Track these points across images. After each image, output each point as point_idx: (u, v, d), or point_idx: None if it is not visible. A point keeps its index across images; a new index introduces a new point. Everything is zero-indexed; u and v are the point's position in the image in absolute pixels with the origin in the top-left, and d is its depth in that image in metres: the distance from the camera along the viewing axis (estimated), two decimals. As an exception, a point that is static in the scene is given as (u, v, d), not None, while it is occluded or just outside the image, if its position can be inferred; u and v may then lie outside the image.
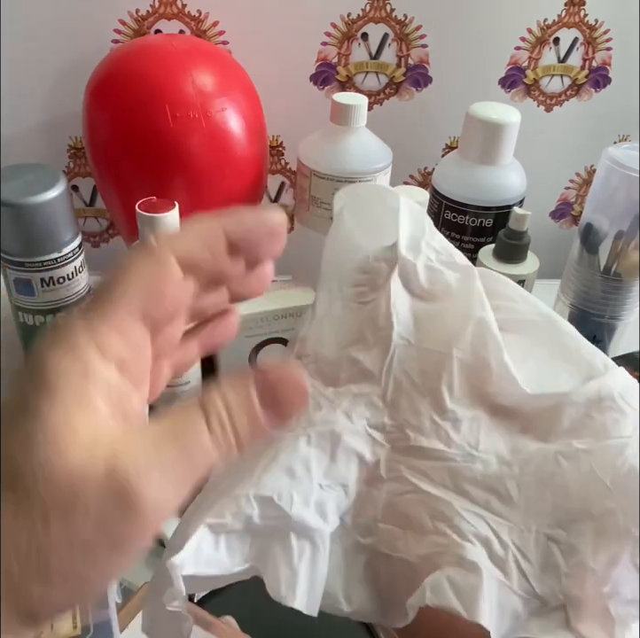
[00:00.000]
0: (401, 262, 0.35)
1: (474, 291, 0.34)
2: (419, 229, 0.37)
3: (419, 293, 0.35)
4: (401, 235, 0.36)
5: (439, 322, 0.34)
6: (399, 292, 0.34)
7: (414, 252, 0.36)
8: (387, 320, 0.33)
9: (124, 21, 0.74)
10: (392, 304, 0.34)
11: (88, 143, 0.69)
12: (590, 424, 0.31)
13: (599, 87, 0.86)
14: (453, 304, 0.34)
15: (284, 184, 0.89)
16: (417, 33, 0.79)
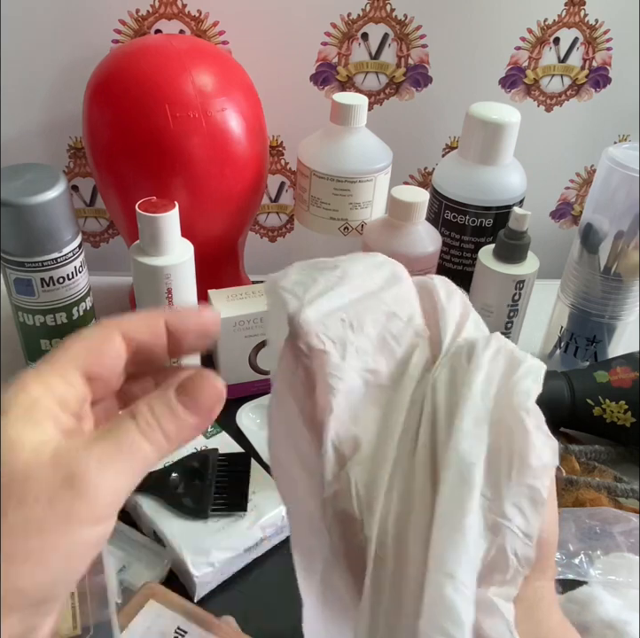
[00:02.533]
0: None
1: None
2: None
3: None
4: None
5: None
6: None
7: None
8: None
9: (124, 21, 0.75)
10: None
11: (88, 144, 0.69)
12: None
13: (599, 87, 0.86)
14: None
15: (284, 184, 0.89)
16: (417, 33, 0.79)
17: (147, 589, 0.49)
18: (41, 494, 0.22)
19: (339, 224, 0.71)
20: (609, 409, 0.64)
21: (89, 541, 0.23)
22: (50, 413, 0.24)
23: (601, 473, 0.62)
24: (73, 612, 0.46)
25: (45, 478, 0.23)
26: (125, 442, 0.24)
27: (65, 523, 0.22)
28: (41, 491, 0.22)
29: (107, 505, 0.23)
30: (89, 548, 0.23)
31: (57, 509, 0.22)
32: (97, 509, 0.23)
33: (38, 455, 0.23)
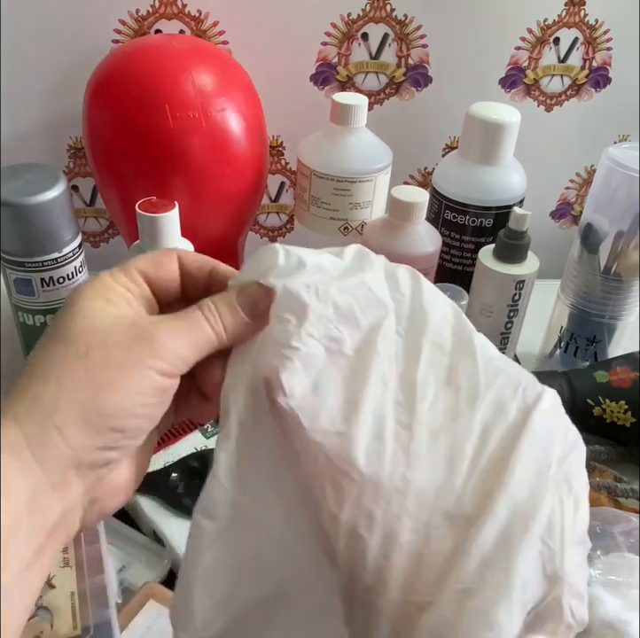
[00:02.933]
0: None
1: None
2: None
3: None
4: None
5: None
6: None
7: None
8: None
9: (124, 21, 0.74)
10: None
11: (88, 144, 0.69)
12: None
13: (599, 87, 0.86)
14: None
15: (284, 184, 0.89)
16: (417, 33, 0.79)
17: (147, 589, 0.49)
18: (120, 342, 0.27)
19: (339, 224, 0.71)
20: (609, 409, 0.64)
21: (154, 385, 0.28)
22: (121, 295, 0.29)
23: (601, 473, 0.62)
24: (73, 612, 0.47)
25: (124, 333, 0.28)
26: (191, 322, 0.29)
27: (138, 364, 0.27)
28: (120, 341, 0.27)
29: (171, 363, 0.28)
30: (154, 391, 0.28)
31: (132, 354, 0.27)
32: (163, 363, 0.28)
33: (115, 318, 0.28)
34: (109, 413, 0.27)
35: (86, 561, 0.49)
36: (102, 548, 0.50)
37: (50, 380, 0.26)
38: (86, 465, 0.26)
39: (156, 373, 0.28)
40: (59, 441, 0.25)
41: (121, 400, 0.27)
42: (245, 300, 0.30)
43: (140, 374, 0.27)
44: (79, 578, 0.48)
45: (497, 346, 0.70)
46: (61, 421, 0.26)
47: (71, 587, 0.48)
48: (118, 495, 0.29)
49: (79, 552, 0.50)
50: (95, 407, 0.26)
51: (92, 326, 0.28)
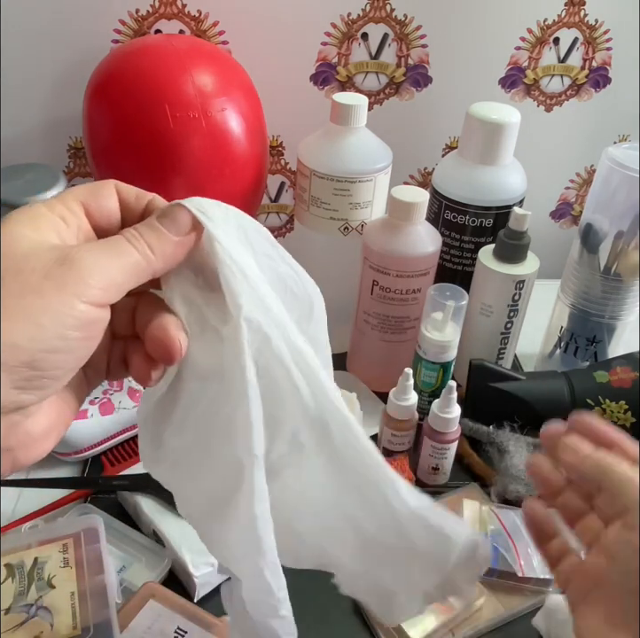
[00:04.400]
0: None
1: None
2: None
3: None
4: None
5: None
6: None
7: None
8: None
9: (124, 21, 0.74)
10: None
11: (88, 143, 0.69)
12: None
13: (599, 87, 0.86)
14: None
15: (284, 184, 0.89)
16: (417, 33, 0.79)
17: (147, 589, 0.49)
18: (37, 267, 0.25)
19: (339, 224, 0.71)
20: (609, 409, 0.64)
21: (79, 316, 0.25)
22: (52, 224, 0.27)
23: (601, 473, 0.62)
24: (73, 612, 0.47)
25: (42, 258, 0.25)
26: (114, 244, 0.27)
27: (57, 291, 0.24)
28: (37, 266, 0.25)
29: (99, 288, 0.25)
30: (78, 321, 0.25)
31: (51, 280, 0.24)
32: (89, 289, 0.25)
33: (40, 244, 0.26)
34: (22, 345, 0.23)
35: (86, 561, 0.49)
36: (102, 548, 0.50)
37: None
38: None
39: (80, 301, 0.25)
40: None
41: (37, 331, 0.24)
42: (166, 220, 0.28)
43: (60, 301, 0.24)
44: (79, 578, 0.48)
45: (497, 346, 0.70)
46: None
47: (71, 587, 0.48)
48: (34, 447, 0.27)
49: (79, 552, 0.50)
50: (6, 339, 0.23)
51: (11, 252, 0.25)
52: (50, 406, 0.27)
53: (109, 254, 0.26)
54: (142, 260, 0.27)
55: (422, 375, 0.66)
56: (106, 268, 0.26)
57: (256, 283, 0.29)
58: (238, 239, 0.30)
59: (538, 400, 0.65)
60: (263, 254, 0.31)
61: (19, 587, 0.48)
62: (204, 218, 0.29)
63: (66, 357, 0.25)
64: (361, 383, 0.72)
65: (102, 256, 0.26)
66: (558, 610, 0.50)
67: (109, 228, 0.29)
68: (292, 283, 0.32)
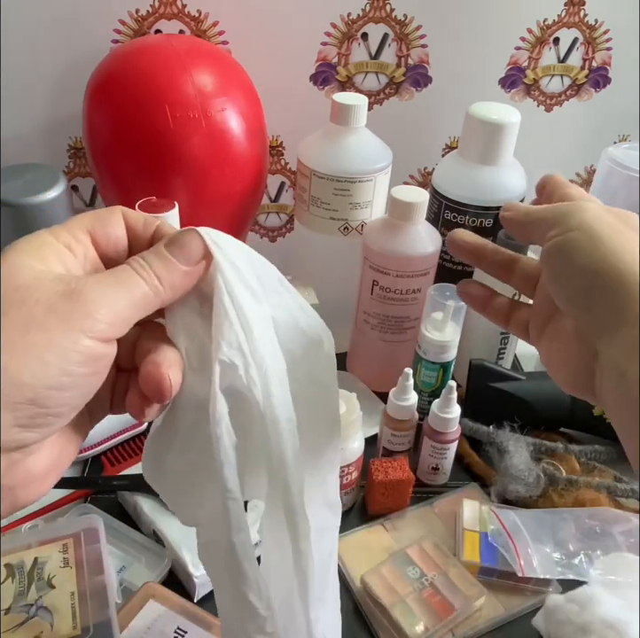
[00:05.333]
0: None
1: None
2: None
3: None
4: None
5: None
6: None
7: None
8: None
9: (124, 21, 0.74)
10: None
11: (88, 143, 0.69)
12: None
13: (599, 87, 0.86)
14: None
15: (284, 184, 0.89)
16: (417, 33, 0.79)
17: (147, 589, 0.49)
18: (42, 300, 0.24)
19: (339, 224, 0.71)
20: (609, 409, 0.64)
21: (85, 352, 0.24)
22: (57, 253, 0.26)
23: (601, 473, 0.62)
24: (73, 612, 0.46)
25: (46, 290, 0.24)
26: (121, 276, 0.26)
27: (62, 325, 0.24)
28: (42, 298, 0.24)
29: (106, 323, 0.25)
30: (84, 357, 0.24)
31: (55, 313, 0.24)
32: (95, 323, 0.24)
33: (44, 275, 0.25)
34: (26, 382, 0.23)
35: (86, 561, 0.49)
36: (102, 548, 0.50)
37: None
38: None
39: (86, 336, 0.24)
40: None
41: (41, 367, 0.23)
42: (175, 248, 0.28)
43: (65, 336, 0.23)
44: (79, 578, 0.48)
45: (497, 346, 0.70)
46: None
47: (71, 587, 0.48)
48: (34, 486, 0.25)
49: (79, 552, 0.50)
50: (10, 375, 0.22)
51: (14, 284, 0.24)
52: (52, 443, 0.26)
53: (116, 287, 0.25)
54: (150, 292, 0.26)
55: (422, 375, 0.66)
56: (113, 301, 0.25)
57: (251, 324, 0.29)
58: (247, 273, 0.29)
59: (538, 400, 0.65)
60: (273, 291, 0.31)
61: (19, 587, 0.48)
62: (214, 247, 0.28)
63: (71, 394, 0.24)
64: (361, 383, 0.72)
65: (109, 289, 0.25)
66: (557, 610, 0.50)
67: (116, 256, 0.29)
68: (303, 323, 0.32)
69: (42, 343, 0.23)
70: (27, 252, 0.25)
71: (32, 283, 0.24)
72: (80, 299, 0.24)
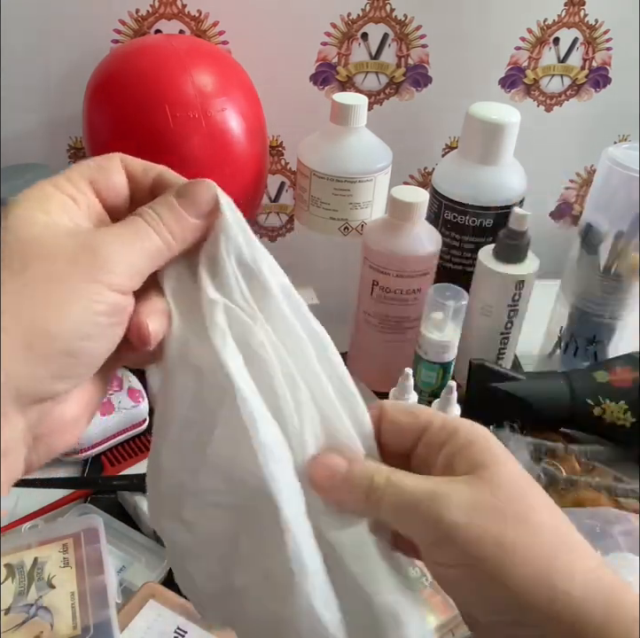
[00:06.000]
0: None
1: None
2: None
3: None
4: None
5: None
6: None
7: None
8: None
9: (124, 21, 0.74)
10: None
11: (88, 144, 0.69)
12: None
13: (599, 87, 0.86)
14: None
15: (284, 184, 0.89)
16: (417, 33, 0.79)
17: (147, 589, 0.49)
18: (60, 253, 0.24)
19: (339, 224, 0.71)
20: (609, 409, 0.64)
21: (108, 301, 0.24)
22: (62, 205, 0.26)
23: (601, 473, 0.62)
24: (73, 612, 0.47)
25: (65, 243, 0.24)
26: (134, 228, 0.26)
27: (85, 278, 0.24)
28: (60, 251, 0.24)
29: (124, 275, 0.25)
30: (108, 308, 0.25)
31: (77, 267, 0.24)
32: (114, 276, 0.25)
33: (55, 229, 0.25)
34: (57, 334, 0.23)
35: (86, 561, 0.49)
36: (102, 548, 0.50)
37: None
38: (29, 398, 0.23)
39: (107, 288, 0.24)
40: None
41: (71, 318, 0.23)
42: (185, 200, 0.27)
43: (88, 289, 0.24)
44: (79, 578, 0.48)
45: (497, 346, 0.70)
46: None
47: (71, 587, 0.48)
48: (67, 432, 0.26)
49: (79, 552, 0.50)
50: (40, 327, 0.23)
51: (27, 237, 0.24)
52: (81, 390, 0.26)
53: (131, 240, 0.26)
54: (162, 245, 0.27)
55: (422, 375, 0.66)
56: (129, 254, 0.25)
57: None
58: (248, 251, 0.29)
59: (538, 400, 0.65)
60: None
61: (19, 587, 0.48)
62: (225, 204, 0.28)
63: (98, 344, 0.25)
64: (361, 383, 0.72)
65: (124, 242, 0.25)
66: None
67: (118, 204, 0.28)
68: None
69: (69, 295, 0.24)
70: (32, 205, 0.25)
71: (46, 237, 0.24)
72: (97, 252, 0.24)
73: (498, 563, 0.25)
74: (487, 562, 0.26)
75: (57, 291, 0.23)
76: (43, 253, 0.24)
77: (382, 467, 0.29)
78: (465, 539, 0.26)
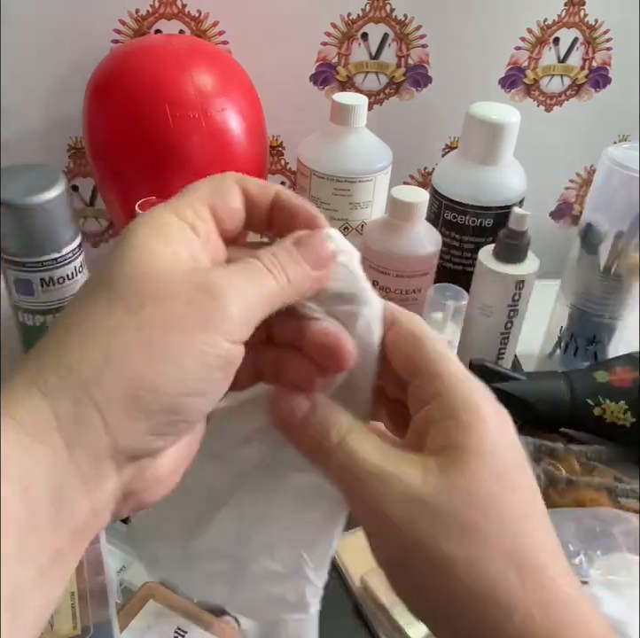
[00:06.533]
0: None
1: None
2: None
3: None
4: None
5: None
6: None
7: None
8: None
9: (124, 21, 0.74)
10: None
11: (88, 143, 0.69)
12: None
13: (599, 87, 0.86)
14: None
15: (284, 184, 0.89)
16: (417, 33, 0.79)
17: (147, 589, 0.49)
18: (179, 293, 0.22)
19: (339, 224, 0.71)
20: (609, 409, 0.64)
21: (223, 356, 0.23)
22: (182, 235, 0.24)
23: (601, 473, 0.62)
24: (73, 612, 0.46)
25: (183, 281, 0.23)
26: (253, 272, 0.24)
27: (202, 324, 0.22)
28: (179, 291, 0.22)
29: (239, 321, 0.23)
30: (221, 361, 0.23)
31: (195, 310, 0.22)
32: (230, 322, 0.23)
33: (173, 263, 0.23)
34: (164, 389, 0.21)
35: (86, 561, 0.49)
36: (102, 548, 0.50)
37: (92, 344, 0.21)
38: (127, 454, 0.21)
39: (224, 338, 0.22)
40: (98, 423, 0.20)
41: (181, 372, 0.21)
42: (306, 250, 0.26)
43: (204, 339, 0.22)
44: (79, 578, 0.48)
45: (497, 346, 0.70)
46: (103, 397, 0.20)
47: (71, 587, 0.48)
48: (159, 488, 0.24)
49: (79, 552, 0.50)
50: (147, 380, 0.21)
51: (144, 271, 0.22)
52: (178, 445, 0.24)
53: (250, 285, 0.24)
54: (280, 295, 0.25)
55: (422, 375, 0.65)
56: (247, 301, 0.23)
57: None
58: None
59: (538, 400, 0.65)
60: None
61: (19, 587, 0.48)
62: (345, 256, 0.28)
63: (205, 399, 0.23)
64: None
65: (243, 287, 0.23)
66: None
67: (233, 229, 0.27)
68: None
69: (182, 346, 0.22)
70: (152, 233, 0.24)
71: (166, 273, 0.23)
72: (215, 296, 0.23)
73: (437, 571, 0.23)
74: (423, 562, 0.23)
75: (170, 339, 0.22)
76: (160, 291, 0.22)
77: (344, 421, 0.26)
78: (402, 538, 0.23)
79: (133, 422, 0.21)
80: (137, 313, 0.21)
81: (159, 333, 0.21)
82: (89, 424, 0.20)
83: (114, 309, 0.21)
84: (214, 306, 0.22)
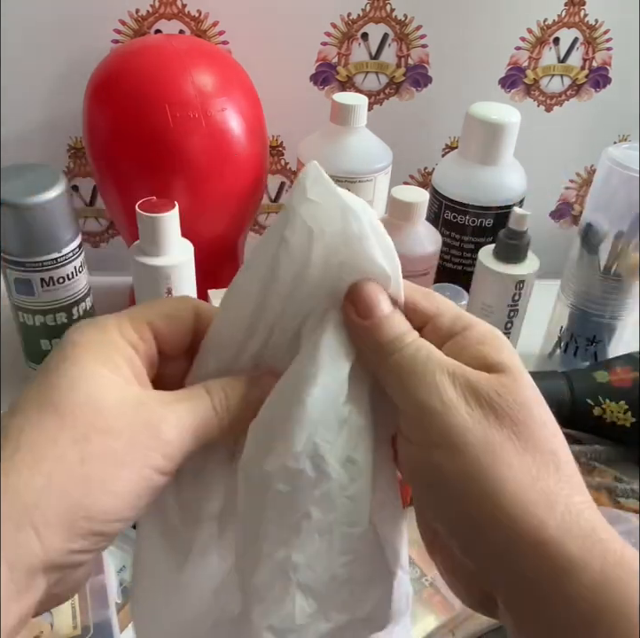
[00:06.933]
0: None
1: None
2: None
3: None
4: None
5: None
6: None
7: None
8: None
9: (124, 21, 0.74)
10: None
11: (88, 143, 0.69)
12: None
13: (599, 87, 0.86)
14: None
15: (284, 184, 0.89)
16: (417, 33, 0.79)
17: (147, 589, 0.49)
18: (124, 430, 0.24)
19: (339, 224, 0.71)
20: (609, 409, 0.64)
21: (151, 485, 0.25)
22: (125, 356, 0.26)
23: (601, 473, 0.62)
24: (73, 612, 0.47)
25: (130, 418, 0.24)
26: (199, 412, 0.26)
27: (141, 461, 0.24)
28: (124, 428, 0.24)
29: (177, 457, 0.25)
30: (150, 491, 0.25)
31: (137, 448, 0.24)
32: (169, 460, 0.25)
33: (122, 393, 0.25)
34: (98, 517, 0.23)
35: (86, 561, 0.49)
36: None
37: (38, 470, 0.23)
38: (57, 568, 0.23)
39: (159, 473, 0.25)
40: (35, 544, 0.22)
41: (114, 502, 0.24)
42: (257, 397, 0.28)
43: (140, 473, 0.24)
44: (79, 578, 0.48)
45: (497, 346, 0.70)
46: (41, 521, 0.22)
47: (71, 587, 0.48)
48: (76, 588, 0.26)
49: (79, 552, 0.50)
50: (83, 509, 0.23)
51: (95, 402, 0.24)
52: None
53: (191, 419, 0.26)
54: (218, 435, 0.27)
55: (422, 375, 0.65)
56: (188, 439, 0.26)
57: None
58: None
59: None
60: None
61: (19, 587, 0.48)
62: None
63: (129, 523, 0.25)
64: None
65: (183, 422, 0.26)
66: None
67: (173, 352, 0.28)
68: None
69: (120, 479, 0.24)
70: (97, 356, 0.25)
71: (116, 406, 0.24)
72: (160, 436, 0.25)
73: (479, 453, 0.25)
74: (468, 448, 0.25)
75: (109, 472, 0.23)
76: (108, 427, 0.24)
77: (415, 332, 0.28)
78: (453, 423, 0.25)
79: (66, 543, 0.23)
80: (83, 445, 0.23)
81: (100, 467, 0.23)
82: (27, 546, 0.22)
83: (62, 438, 0.23)
84: (156, 444, 0.25)
